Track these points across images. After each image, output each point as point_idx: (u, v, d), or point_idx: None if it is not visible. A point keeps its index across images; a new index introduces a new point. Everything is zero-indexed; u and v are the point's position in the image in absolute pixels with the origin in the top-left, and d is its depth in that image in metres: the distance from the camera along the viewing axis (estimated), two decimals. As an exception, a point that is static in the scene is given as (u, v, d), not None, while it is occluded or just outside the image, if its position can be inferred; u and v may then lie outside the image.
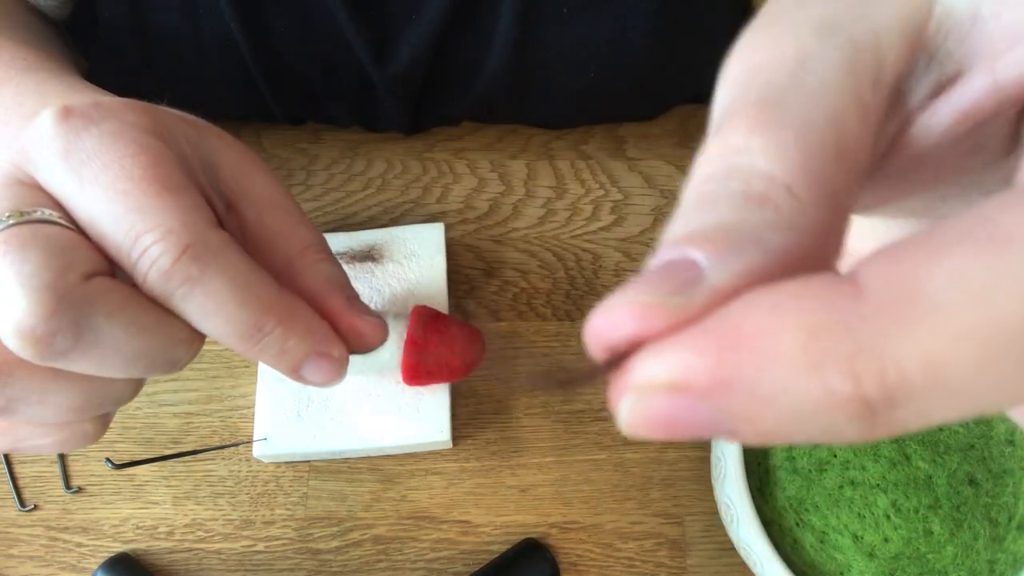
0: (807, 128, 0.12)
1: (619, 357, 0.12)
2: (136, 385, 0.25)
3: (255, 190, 0.27)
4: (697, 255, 0.12)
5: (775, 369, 0.10)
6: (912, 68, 0.14)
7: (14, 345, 0.20)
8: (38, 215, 0.21)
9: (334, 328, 0.26)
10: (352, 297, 0.27)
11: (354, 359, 0.39)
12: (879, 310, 0.10)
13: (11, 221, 0.20)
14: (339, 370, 0.25)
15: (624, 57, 0.44)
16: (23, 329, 0.19)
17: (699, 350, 0.11)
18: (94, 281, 0.20)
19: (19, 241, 0.20)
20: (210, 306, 0.22)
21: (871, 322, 0.10)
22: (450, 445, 0.42)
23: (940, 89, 0.14)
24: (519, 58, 0.44)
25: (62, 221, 0.21)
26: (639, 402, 0.11)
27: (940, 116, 0.14)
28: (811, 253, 0.12)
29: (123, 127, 0.22)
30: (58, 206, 0.21)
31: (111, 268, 0.22)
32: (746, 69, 0.14)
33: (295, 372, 0.25)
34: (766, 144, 0.12)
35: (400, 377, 0.40)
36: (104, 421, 0.26)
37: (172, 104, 0.28)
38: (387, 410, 0.41)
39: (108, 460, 0.38)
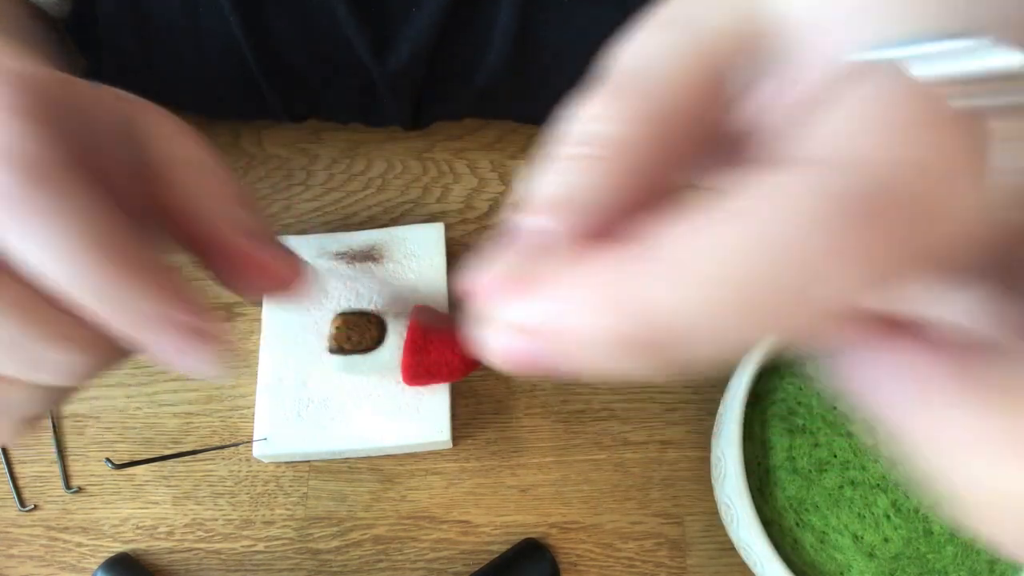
0: (642, 95, 0.15)
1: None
2: (42, 397, 0.22)
3: (177, 152, 0.25)
4: (543, 222, 0.15)
5: (572, 315, 0.13)
6: (751, 57, 0.16)
7: None
8: None
9: (256, 269, 0.25)
10: (269, 239, 0.26)
11: (354, 359, 0.39)
12: (645, 267, 0.13)
13: None
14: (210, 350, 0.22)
15: None
16: None
17: (528, 302, 0.14)
18: None
19: None
20: (47, 233, 0.19)
21: (639, 277, 0.13)
22: (450, 445, 0.42)
23: (793, 81, 0.16)
24: (520, 52, 0.44)
25: None
26: (492, 336, 0.15)
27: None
28: (643, 199, 0.15)
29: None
30: None
31: None
32: (614, 63, 0.17)
33: (153, 336, 0.21)
34: (605, 111, 0.15)
35: (400, 377, 0.40)
36: (13, 429, 0.23)
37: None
38: (387, 410, 0.41)
39: (108, 460, 0.38)
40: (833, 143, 0.13)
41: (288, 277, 0.26)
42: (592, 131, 0.15)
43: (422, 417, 0.41)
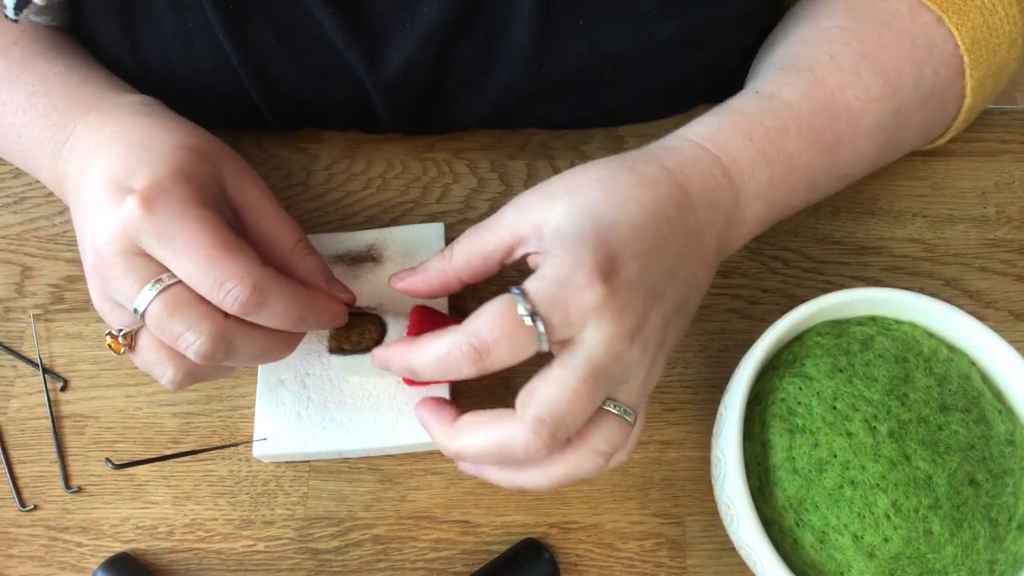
0: (471, 244, 0.36)
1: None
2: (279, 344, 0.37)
3: (251, 201, 0.37)
4: (423, 279, 0.37)
5: (423, 355, 0.33)
6: (532, 239, 0.34)
7: (199, 361, 0.34)
8: (167, 280, 0.33)
9: (339, 305, 0.38)
10: (329, 278, 0.38)
11: (354, 359, 0.39)
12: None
13: (159, 287, 0.33)
14: (344, 321, 0.39)
15: (641, 61, 0.44)
16: (205, 354, 0.33)
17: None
18: (227, 318, 0.34)
19: (174, 303, 0.33)
20: (273, 315, 0.34)
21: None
22: None
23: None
24: (535, 72, 0.44)
25: (177, 280, 0.33)
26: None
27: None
28: (457, 286, 0.37)
29: (182, 206, 0.33)
30: (163, 267, 0.33)
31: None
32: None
33: (318, 328, 0.38)
34: (457, 252, 0.36)
35: (400, 377, 0.40)
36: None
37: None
38: (387, 410, 0.41)
39: (108, 460, 0.38)
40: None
41: (351, 301, 0.39)
42: (449, 253, 0.36)
43: None
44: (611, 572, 0.40)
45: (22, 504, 0.42)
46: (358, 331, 0.40)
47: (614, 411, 0.33)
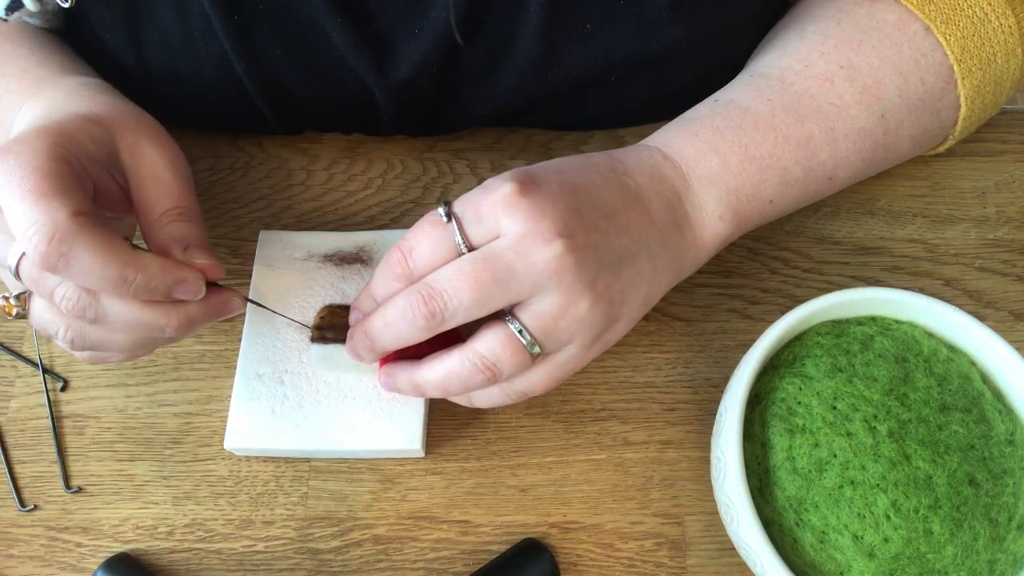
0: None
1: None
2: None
3: (139, 168, 0.35)
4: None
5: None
6: None
7: (73, 318, 0.34)
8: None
9: (180, 268, 0.34)
10: (190, 247, 0.35)
11: (333, 352, 0.39)
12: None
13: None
14: (197, 290, 0.34)
15: (647, 65, 0.44)
16: (74, 309, 0.32)
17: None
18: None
19: None
20: (83, 269, 0.30)
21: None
22: (422, 455, 0.42)
23: None
24: (541, 75, 0.44)
25: None
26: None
27: None
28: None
29: (27, 154, 0.31)
30: None
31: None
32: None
33: (169, 297, 0.33)
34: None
35: (377, 380, 0.40)
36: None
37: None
38: (360, 415, 0.41)
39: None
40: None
41: (213, 275, 0.35)
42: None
43: (395, 424, 0.40)
44: (611, 572, 0.40)
45: (22, 504, 0.42)
46: (343, 323, 0.40)
47: (510, 326, 0.33)
